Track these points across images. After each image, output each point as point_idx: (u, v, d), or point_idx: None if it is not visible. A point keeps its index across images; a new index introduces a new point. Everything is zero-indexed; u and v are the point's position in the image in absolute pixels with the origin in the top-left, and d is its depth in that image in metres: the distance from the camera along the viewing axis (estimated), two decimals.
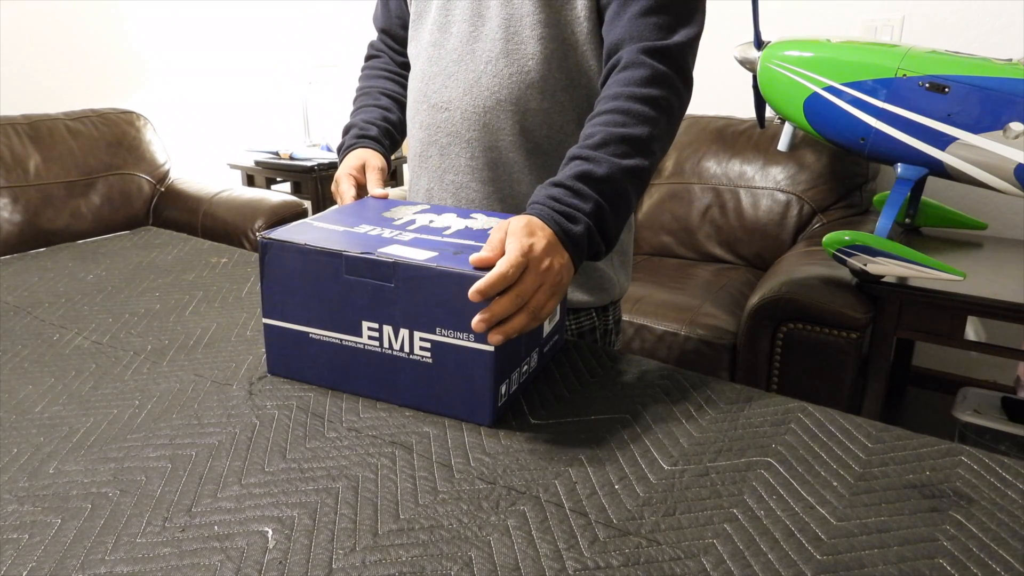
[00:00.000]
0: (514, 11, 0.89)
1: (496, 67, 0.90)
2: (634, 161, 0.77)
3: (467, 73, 0.92)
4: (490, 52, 0.90)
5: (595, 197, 0.74)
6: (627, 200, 0.77)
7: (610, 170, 0.75)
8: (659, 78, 0.80)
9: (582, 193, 0.74)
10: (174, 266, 1.21)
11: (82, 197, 2.14)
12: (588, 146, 0.77)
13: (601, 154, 0.76)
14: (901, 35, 2.09)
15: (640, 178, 0.78)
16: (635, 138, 0.77)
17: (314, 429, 0.70)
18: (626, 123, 0.78)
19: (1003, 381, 2.14)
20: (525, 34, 0.88)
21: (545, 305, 0.69)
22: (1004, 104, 1.38)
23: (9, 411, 0.75)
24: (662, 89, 0.80)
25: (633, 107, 0.78)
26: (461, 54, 0.92)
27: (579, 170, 0.75)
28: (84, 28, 2.42)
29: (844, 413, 0.72)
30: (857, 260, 1.51)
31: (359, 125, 1.03)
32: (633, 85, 0.80)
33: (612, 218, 0.76)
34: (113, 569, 0.52)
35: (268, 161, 2.82)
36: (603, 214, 0.75)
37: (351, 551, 0.54)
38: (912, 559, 0.52)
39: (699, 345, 1.69)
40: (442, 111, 0.94)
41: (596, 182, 0.75)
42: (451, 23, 0.94)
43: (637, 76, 0.80)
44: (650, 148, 0.79)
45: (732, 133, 2.21)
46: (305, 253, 0.73)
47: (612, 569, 0.52)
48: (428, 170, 0.99)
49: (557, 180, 0.75)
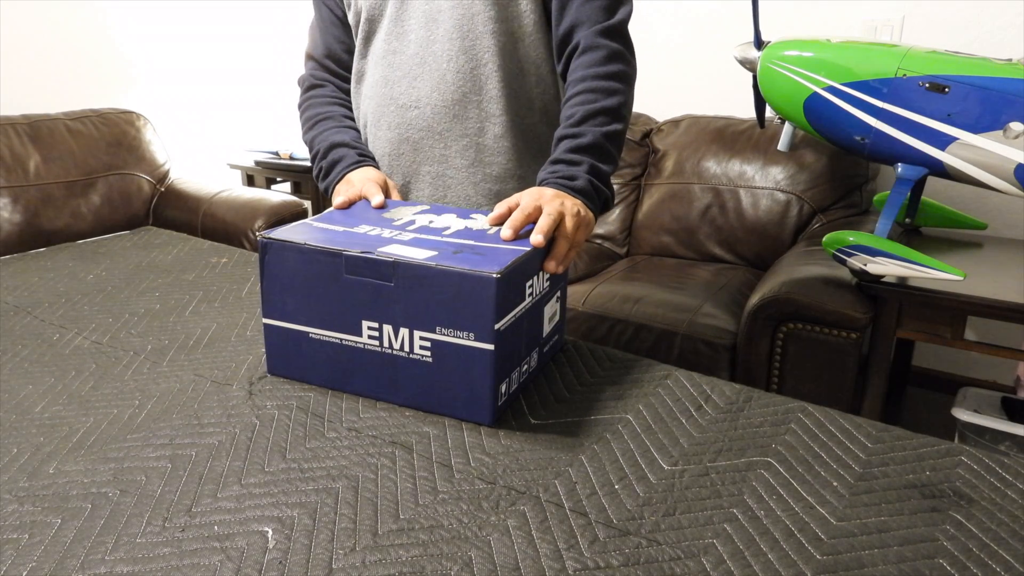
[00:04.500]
0: (466, 11, 0.99)
1: (457, 63, 1.00)
2: (612, 127, 0.93)
3: (431, 72, 1.01)
4: (449, 51, 1.00)
5: (587, 160, 0.90)
6: (613, 157, 0.94)
7: (594, 138, 0.91)
8: (614, 55, 0.95)
9: (575, 161, 0.90)
10: (174, 266, 1.21)
11: (82, 197, 2.14)
12: (571, 124, 0.92)
13: (583, 128, 0.91)
14: (901, 35, 2.09)
15: (619, 138, 0.95)
16: (608, 109, 0.93)
17: (314, 429, 0.70)
18: (597, 99, 0.93)
19: (1003, 381, 2.14)
20: (479, 30, 0.99)
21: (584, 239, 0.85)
22: (1004, 104, 1.38)
23: (9, 411, 0.74)
24: (619, 64, 0.95)
25: (600, 84, 0.93)
26: (423, 56, 1.01)
27: (569, 146, 0.91)
28: (84, 28, 2.42)
29: (844, 413, 0.72)
30: (857, 260, 1.51)
31: (352, 145, 1.03)
32: (596, 66, 0.94)
33: (605, 174, 0.92)
34: (113, 569, 0.52)
35: (268, 161, 2.82)
36: (598, 170, 0.90)
37: (351, 551, 0.54)
38: (912, 559, 0.52)
39: (699, 345, 1.69)
40: (411, 109, 1.02)
41: (584, 150, 0.90)
42: (406, 32, 1.02)
43: (597, 57, 0.95)
44: (621, 113, 0.94)
45: (732, 133, 2.21)
46: (305, 253, 0.73)
47: (612, 569, 0.52)
48: (402, 166, 1.06)
49: (554, 158, 0.91)
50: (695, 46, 2.38)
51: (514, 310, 0.70)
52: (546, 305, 0.79)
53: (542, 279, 0.77)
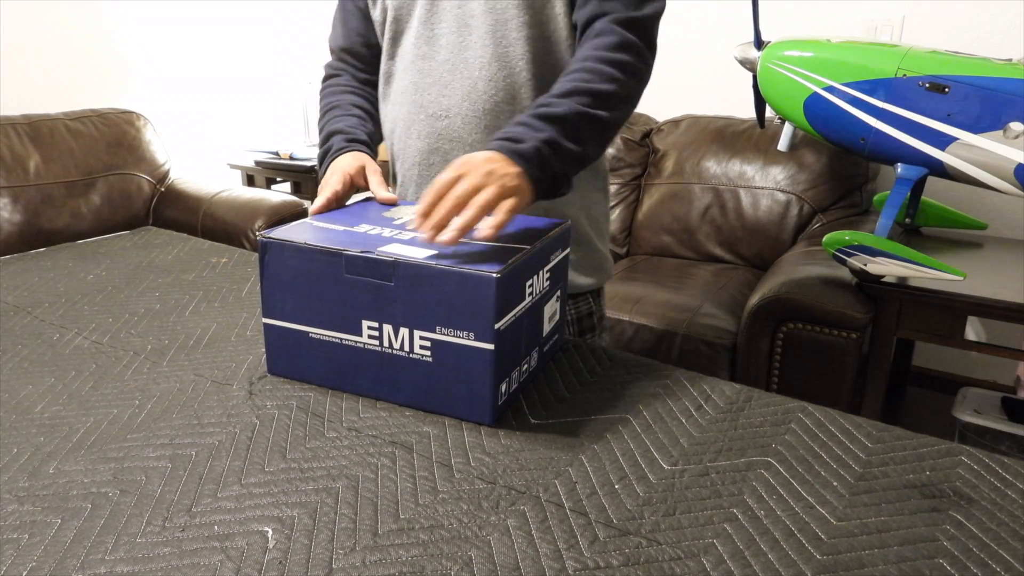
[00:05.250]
0: (499, 16, 0.93)
1: (490, 71, 0.94)
2: (596, 111, 0.81)
3: (463, 80, 0.95)
4: (481, 58, 0.94)
5: (549, 129, 0.78)
6: (584, 141, 0.81)
7: (568, 111, 0.80)
8: (628, 45, 0.86)
9: (535, 126, 0.78)
10: (174, 266, 1.21)
11: (82, 197, 2.14)
12: (552, 94, 0.83)
13: (563, 100, 0.81)
14: (901, 35, 2.09)
15: (597, 126, 0.82)
16: (599, 92, 0.82)
17: (314, 429, 0.70)
18: (592, 80, 0.83)
19: (1003, 381, 2.14)
20: (512, 36, 0.93)
21: (492, 201, 0.72)
22: (1004, 104, 1.38)
23: (9, 411, 0.75)
24: (630, 55, 0.86)
25: (600, 67, 0.84)
26: (454, 63, 0.96)
27: (537, 112, 0.80)
28: (84, 28, 2.42)
29: (844, 413, 0.72)
30: (857, 260, 1.51)
31: (343, 131, 1.01)
32: (603, 49, 0.85)
33: (567, 152, 0.79)
34: (113, 569, 0.52)
35: (268, 161, 2.82)
36: (557, 145, 0.78)
37: (351, 551, 0.54)
38: (912, 559, 0.52)
39: (699, 345, 1.69)
40: (442, 119, 0.98)
41: (552, 120, 0.79)
42: (436, 36, 0.97)
43: (608, 42, 0.85)
44: (611, 103, 0.83)
45: (732, 133, 2.21)
46: (305, 252, 0.73)
47: (612, 569, 0.52)
48: (433, 176, 0.99)
49: (516, 119, 0.80)
50: (695, 46, 2.38)
51: (514, 310, 0.70)
52: (546, 305, 0.79)
53: (542, 279, 0.77)
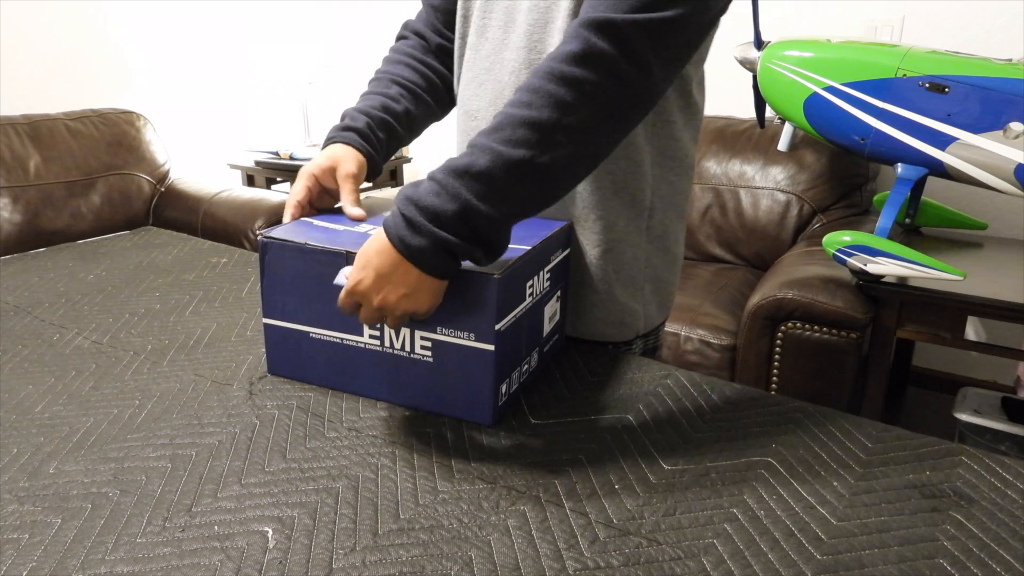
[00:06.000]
0: (540, 15, 0.81)
1: (518, 79, 0.84)
2: (526, 153, 0.64)
3: (494, 83, 0.87)
4: (514, 62, 0.85)
5: (464, 196, 0.63)
6: (514, 199, 0.66)
7: (492, 164, 0.64)
8: (591, 56, 0.64)
9: (450, 191, 0.64)
10: (174, 266, 1.21)
11: (82, 197, 2.14)
12: (484, 131, 0.66)
13: (490, 141, 0.65)
14: (901, 35, 2.09)
15: (534, 174, 0.65)
16: (537, 124, 0.64)
17: (314, 429, 0.70)
18: (532, 104, 0.65)
19: (1003, 381, 2.14)
20: (548, 42, 0.81)
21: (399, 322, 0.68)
22: (1004, 104, 1.38)
23: (9, 411, 0.75)
24: (591, 70, 0.64)
25: (546, 86, 0.65)
26: (492, 62, 0.87)
27: (458, 163, 0.65)
28: (84, 28, 2.42)
29: (844, 413, 0.72)
30: (857, 260, 1.51)
31: (350, 115, 0.92)
32: (557, 60, 0.65)
33: (489, 219, 0.64)
34: (113, 569, 0.52)
35: (268, 161, 2.82)
36: (472, 216, 0.64)
37: (351, 551, 0.54)
38: (912, 559, 0.52)
39: (699, 345, 1.69)
40: (472, 119, 0.91)
41: (471, 178, 0.64)
42: (487, 27, 0.88)
43: (564, 51, 0.65)
44: (554, 139, 0.64)
45: (732, 133, 2.21)
46: (305, 252, 0.73)
47: (612, 569, 0.52)
48: None
49: (432, 172, 0.66)
50: None
51: (515, 310, 0.70)
52: (546, 305, 0.79)
53: (542, 279, 0.77)
